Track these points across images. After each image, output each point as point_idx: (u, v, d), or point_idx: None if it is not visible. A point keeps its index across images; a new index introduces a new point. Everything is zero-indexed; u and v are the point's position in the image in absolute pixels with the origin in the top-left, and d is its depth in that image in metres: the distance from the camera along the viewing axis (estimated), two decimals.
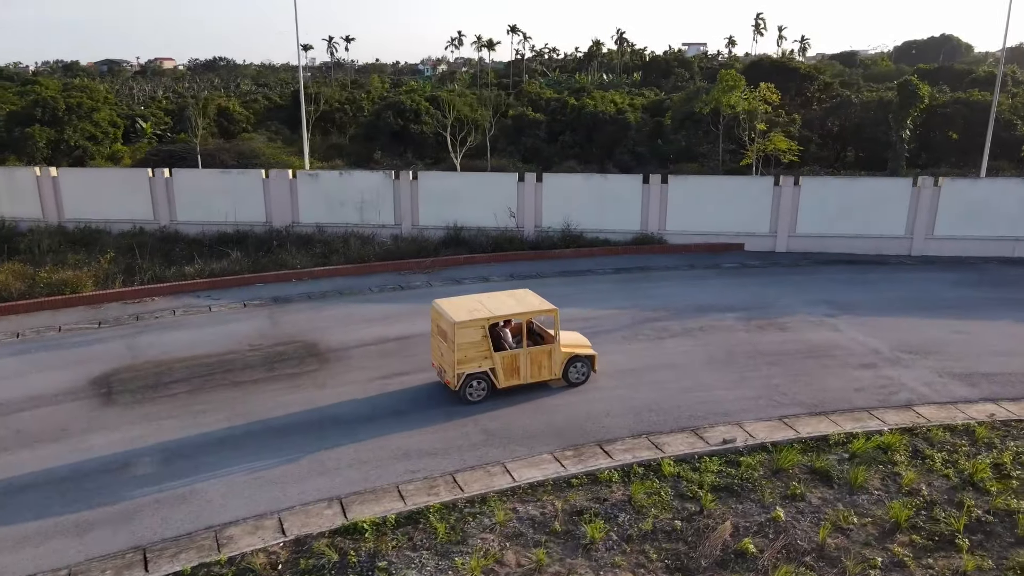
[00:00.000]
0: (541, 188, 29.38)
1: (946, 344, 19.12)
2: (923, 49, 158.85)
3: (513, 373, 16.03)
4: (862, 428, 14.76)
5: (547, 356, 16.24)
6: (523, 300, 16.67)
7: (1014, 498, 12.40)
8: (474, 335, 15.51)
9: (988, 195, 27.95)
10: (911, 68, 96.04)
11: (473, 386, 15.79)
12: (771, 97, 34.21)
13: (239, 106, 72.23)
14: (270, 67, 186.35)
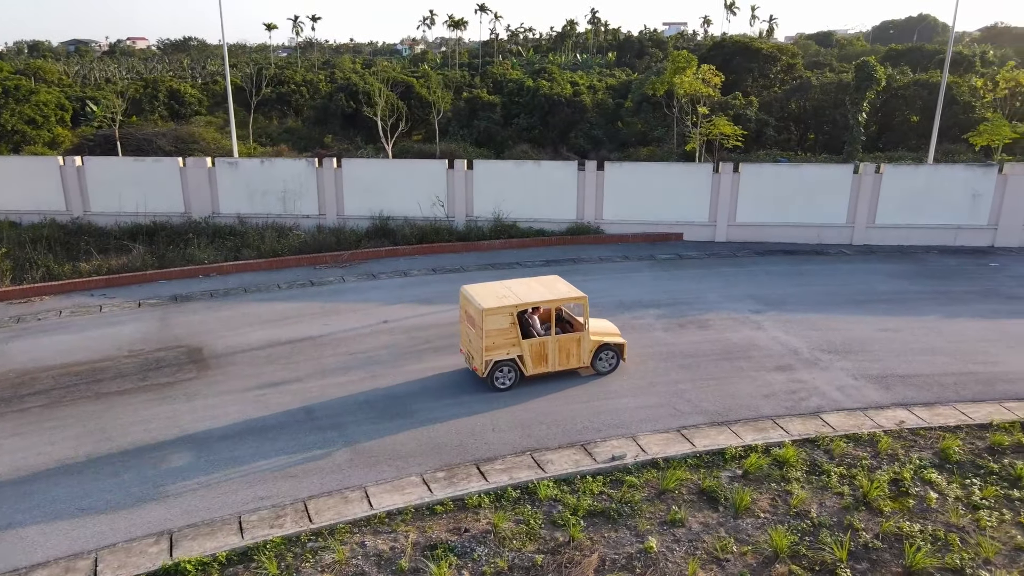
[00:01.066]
0: (472, 176, 28.07)
1: (869, 343, 18.18)
2: (900, 29, 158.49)
3: (541, 361, 15.79)
4: (763, 440, 13.77)
5: (576, 344, 15.93)
6: (552, 287, 16.27)
7: (907, 520, 11.46)
8: (502, 322, 15.25)
9: (930, 182, 27.03)
10: (885, 48, 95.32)
11: (502, 372, 15.54)
12: (713, 80, 32.91)
13: (191, 88, 69.86)
14: (242, 47, 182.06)
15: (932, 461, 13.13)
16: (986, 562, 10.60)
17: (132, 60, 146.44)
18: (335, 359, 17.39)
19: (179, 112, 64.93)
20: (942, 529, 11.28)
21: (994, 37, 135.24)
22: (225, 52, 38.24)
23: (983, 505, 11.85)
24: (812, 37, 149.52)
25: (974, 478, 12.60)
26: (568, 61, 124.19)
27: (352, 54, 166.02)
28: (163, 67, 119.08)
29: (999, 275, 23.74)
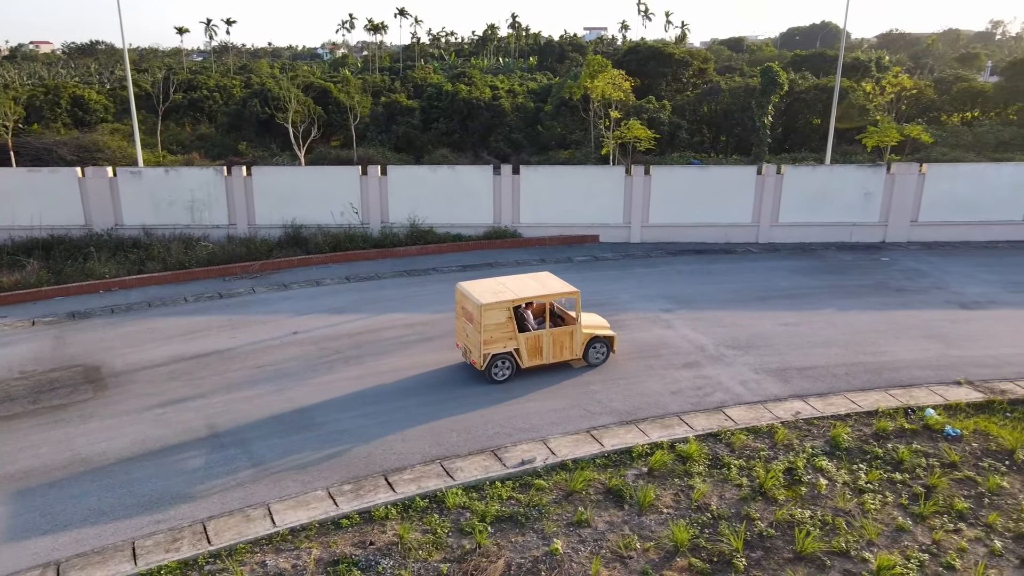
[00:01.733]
0: (386, 182, 27.82)
1: (770, 338, 18.94)
2: (805, 35, 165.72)
3: (536, 353, 16.46)
4: (669, 436, 14.15)
5: (569, 337, 16.67)
6: (545, 283, 16.96)
7: (799, 507, 11.99)
8: (500, 316, 15.87)
9: (827, 182, 28.38)
10: (791, 53, 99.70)
11: (498, 366, 16.17)
12: (623, 84, 33.70)
13: (96, 94, 66.70)
14: (154, 51, 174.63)
15: (824, 449, 13.78)
16: (869, 543, 11.20)
17: (35, 65, 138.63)
18: (242, 373, 16.91)
19: (84, 120, 61.92)
20: (830, 514, 11.86)
21: (889, 43, 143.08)
22: (126, 56, 36.70)
23: (868, 489, 12.52)
24: (725, 42, 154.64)
25: (861, 463, 13.29)
26: (490, 65, 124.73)
27: (271, 58, 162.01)
28: (68, 72, 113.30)
29: (889, 269, 25.13)
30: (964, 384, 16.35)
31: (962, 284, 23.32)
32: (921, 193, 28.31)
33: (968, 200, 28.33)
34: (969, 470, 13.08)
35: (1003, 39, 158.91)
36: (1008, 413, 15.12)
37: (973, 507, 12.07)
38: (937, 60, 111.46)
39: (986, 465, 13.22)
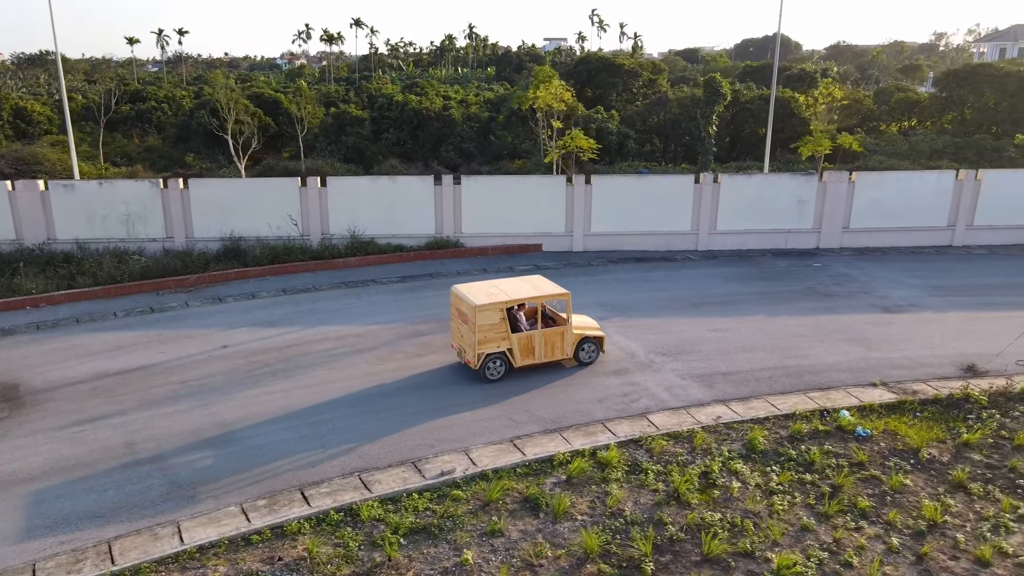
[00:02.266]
0: (326, 193, 27.68)
1: (700, 343, 19.30)
2: (759, 46, 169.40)
3: (528, 353, 17.07)
4: (591, 444, 14.32)
5: (560, 337, 17.29)
6: (537, 285, 17.67)
7: (710, 511, 12.24)
8: (493, 317, 16.49)
9: (762, 190, 29.06)
10: (743, 64, 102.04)
11: (492, 365, 16.76)
12: (565, 95, 34.13)
13: (40, 106, 65.15)
14: (106, 62, 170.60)
15: (740, 452, 14.08)
16: (774, 544, 11.48)
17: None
18: (165, 389, 16.65)
19: (26, 132, 60.40)
20: (739, 516, 12.12)
21: (838, 55, 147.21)
22: (59, 65, 35.92)
23: (778, 490, 12.83)
24: (680, 53, 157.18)
25: (774, 465, 13.62)
26: (448, 75, 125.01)
27: (228, 68, 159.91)
28: (15, 83, 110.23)
29: (820, 274, 25.80)
30: (879, 386, 16.86)
31: (887, 288, 24.05)
32: (851, 200, 29.14)
33: (895, 207, 29.23)
34: (876, 469, 13.49)
35: (946, 50, 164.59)
36: (918, 413, 15.63)
37: (876, 505, 12.45)
38: (882, 71, 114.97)
39: (892, 464, 13.65)
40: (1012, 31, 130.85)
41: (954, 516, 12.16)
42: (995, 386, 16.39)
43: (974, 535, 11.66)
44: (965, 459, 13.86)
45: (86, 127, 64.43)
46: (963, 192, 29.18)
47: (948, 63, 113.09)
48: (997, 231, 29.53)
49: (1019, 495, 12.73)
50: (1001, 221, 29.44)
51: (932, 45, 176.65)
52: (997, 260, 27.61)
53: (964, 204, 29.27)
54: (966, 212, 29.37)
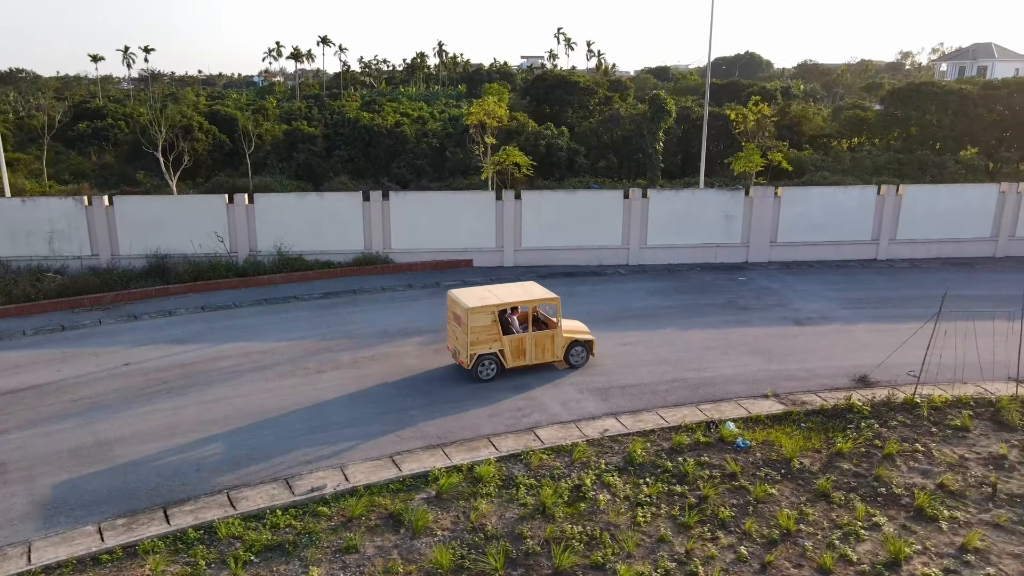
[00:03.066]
0: (253, 209, 27.64)
1: (606, 357, 19.42)
2: (731, 64, 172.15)
3: (519, 355, 17.87)
4: (471, 459, 14.34)
5: (550, 340, 18.09)
6: (529, 290, 18.50)
7: (571, 524, 12.30)
8: (485, 319, 17.30)
9: (690, 205, 29.45)
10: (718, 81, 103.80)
11: (484, 365, 17.57)
12: (498, 111, 34.46)
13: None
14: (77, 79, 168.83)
15: (618, 465, 14.18)
16: (628, 555, 11.55)
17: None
18: (55, 408, 16.46)
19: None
20: (600, 528, 12.19)
21: (805, 73, 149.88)
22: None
23: (645, 502, 12.93)
24: (652, 71, 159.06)
25: (648, 478, 13.72)
26: (419, 92, 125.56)
27: (204, 86, 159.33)
28: None
29: (743, 288, 26.13)
30: (771, 397, 17.09)
31: (804, 301, 24.42)
32: (778, 215, 29.61)
33: (821, 222, 29.75)
34: (747, 480, 13.64)
35: (911, 69, 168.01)
36: (802, 423, 15.86)
37: (737, 515, 12.59)
38: (847, 89, 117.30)
39: (762, 474, 13.82)
40: (971, 50, 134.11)
41: (809, 525, 12.33)
42: (878, 396, 16.68)
43: (823, 543, 11.82)
44: (835, 468, 14.07)
45: (42, 144, 63.93)
46: (885, 207, 29.78)
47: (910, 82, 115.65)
48: (919, 245, 30.14)
49: (878, 503, 12.95)
50: (922, 235, 30.07)
51: (898, 64, 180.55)
52: (916, 273, 28.16)
53: (886, 219, 29.86)
54: (888, 226, 29.96)
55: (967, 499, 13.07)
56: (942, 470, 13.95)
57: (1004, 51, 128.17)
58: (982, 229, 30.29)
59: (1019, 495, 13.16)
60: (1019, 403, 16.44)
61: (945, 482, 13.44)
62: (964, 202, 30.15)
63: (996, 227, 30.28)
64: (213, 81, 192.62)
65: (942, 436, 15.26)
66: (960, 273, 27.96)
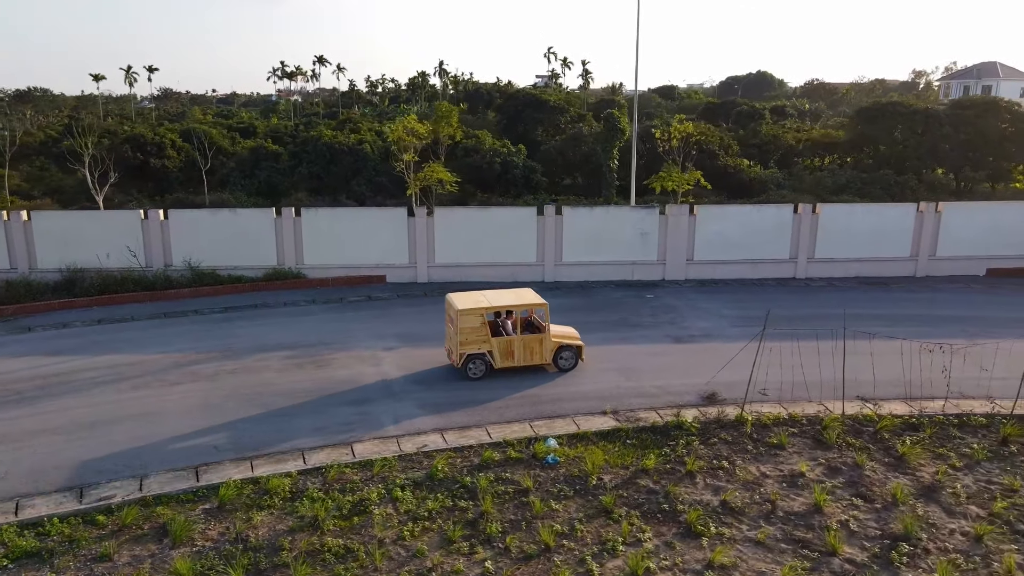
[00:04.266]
0: (168, 225, 28.18)
1: (452, 373, 19.45)
2: (743, 84, 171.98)
3: (508, 356, 18.82)
4: (272, 471, 14.49)
5: (538, 343, 18.95)
6: (521, 295, 19.62)
7: (337, 537, 12.37)
8: (475, 321, 18.34)
9: (605, 222, 29.52)
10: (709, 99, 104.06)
11: (474, 364, 18.64)
12: (419, 129, 34.87)
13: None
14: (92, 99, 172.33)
15: (417, 480, 14.24)
16: (374, 569, 11.60)
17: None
18: None
19: None
20: (362, 542, 12.25)
21: (811, 92, 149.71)
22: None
23: (422, 517, 12.96)
24: (657, 90, 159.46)
25: (441, 492, 13.75)
26: (420, 111, 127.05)
27: (221, 104, 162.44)
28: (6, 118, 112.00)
29: (645, 306, 26.07)
30: (609, 414, 17.05)
31: (697, 319, 24.33)
32: (693, 233, 29.57)
33: (739, 240, 29.63)
34: (538, 496, 13.62)
35: (925, 88, 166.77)
36: (628, 440, 15.81)
37: (508, 531, 12.58)
38: (852, 108, 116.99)
39: (555, 490, 13.80)
40: (975, 69, 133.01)
41: (574, 540, 12.29)
42: (708, 414, 16.60)
43: (576, 559, 11.79)
44: (633, 484, 14.01)
45: (36, 161, 65.74)
46: (802, 225, 29.64)
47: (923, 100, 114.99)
48: (838, 264, 29.91)
49: (656, 519, 12.88)
50: (841, 254, 29.85)
51: (912, 83, 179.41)
52: (827, 292, 27.94)
53: (804, 237, 29.70)
54: (806, 245, 29.79)
55: (745, 516, 12.97)
56: (736, 487, 13.85)
57: (1009, 70, 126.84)
58: (901, 249, 30.01)
59: (797, 512, 13.04)
60: (841, 422, 16.30)
61: (728, 499, 13.35)
62: (883, 221, 29.92)
63: (915, 247, 29.99)
64: (231, 100, 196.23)
65: (755, 453, 15.15)
66: (869, 293, 27.73)
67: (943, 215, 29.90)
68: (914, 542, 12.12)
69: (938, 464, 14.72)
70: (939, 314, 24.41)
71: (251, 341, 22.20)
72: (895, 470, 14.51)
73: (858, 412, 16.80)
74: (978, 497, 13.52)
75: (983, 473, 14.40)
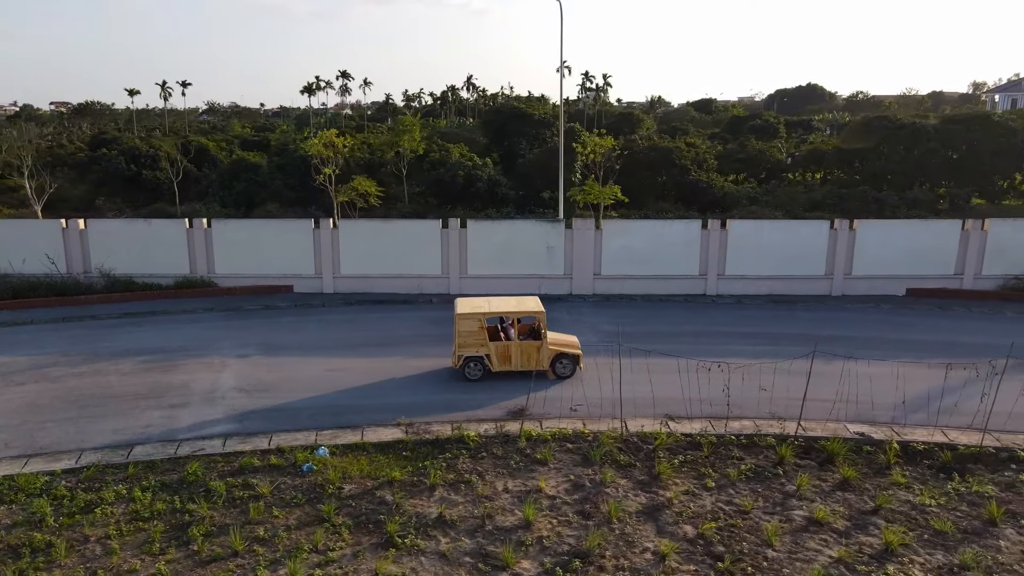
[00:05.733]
0: (87, 234, 29.51)
1: (299, 382, 19.74)
2: (792, 96, 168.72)
3: (505, 360, 19.41)
4: (38, 469, 15.13)
5: (535, 350, 19.40)
6: (522, 303, 20.16)
7: (56, 534, 12.88)
8: (472, 325, 19.16)
9: (511, 236, 29.58)
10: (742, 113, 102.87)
11: (471, 367, 19.39)
12: (339, 143, 35.58)
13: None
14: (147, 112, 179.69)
15: (167, 482, 14.65)
16: (59, 566, 12.05)
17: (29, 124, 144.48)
18: None
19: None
20: (66, 540, 12.72)
21: (854, 105, 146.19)
22: None
23: (142, 517, 13.37)
24: (694, 104, 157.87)
25: (178, 495, 14.11)
26: (449, 124, 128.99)
27: (272, 118, 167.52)
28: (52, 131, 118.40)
29: None
30: (401, 425, 17.15)
31: (568, 334, 24.13)
32: (599, 247, 29.37)
33: (647, 255, 29.27)
34: (271, 502, 13.87)
35: (986, 100, 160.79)
36: (404, 452, 15.91)
37: (215, 534, 12.86)
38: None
39: (288, 497, 14.05)
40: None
41: (267, 546, 12.48)
42: (503, 427, 16.63)
43: (253, 564, 11.99)
44: (371, 496, 14.12)
45: (60, 172, 69.18)
46: (710, 242, 29.13)
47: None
48: (750, 281, 29.26)
49: (367, 530, 12.99)
50: (752, 271, 29.19)
51: (973, 95, 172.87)
52: (728, 309, 27.43)
53: (713, 253, 29.18)
54: (715, 262, 29.24)
55: (453, 529, 12.96)
56: (466, 501, 13.82)
57: None
58: (815, 267, 29.17)
59: (505, 527, 12.95)
60: (623, 440, 16.05)
61: (444, 512, 13.34)
62: (795, 238, 29.18)
63: (830, 265, 29.11)
64: (284, 112, 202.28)
65: (513, 469, 15.07)
66: (770, 311, 27.13)
67: (858, 233, 28.98)
68: (594, 559, 11.91)
69: (690, 483, 14.39)
70: (802, 333, 23.34)
71: (121, 346, 23.06)
72: (643, 488, 14.26)
73: (641, 429, 16.52)
74: (702, 518, 13.17)
75: (729, 494, 14.02)
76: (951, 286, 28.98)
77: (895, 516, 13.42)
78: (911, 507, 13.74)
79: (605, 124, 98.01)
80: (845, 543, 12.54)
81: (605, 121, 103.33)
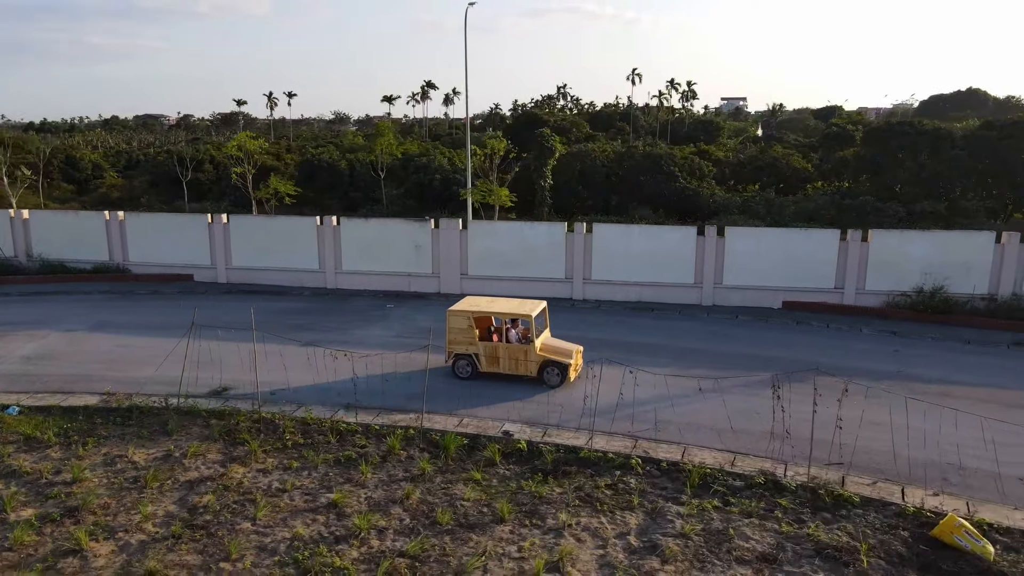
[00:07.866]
0: (30, 223, 33.47)
1: (99, 355, 21.75)
2: (950, 102, 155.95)
3: (494, 362, 18.94)
4: None
5: (523, 354, 18.70)
6: (521, 305, 19.40)
7: None
8: (462, 323, 18.86)
9: (380, 234, 30.29)
10: (876, 121, 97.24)
11: (460, 365, 19.15)
12: (251, 146, 37.54)
13: (93, 155, 79.83)
14: (281, 121, 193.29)
15: None
16: None
17: (180, 132, 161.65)
18: None
19: (74, 176, 73.63)
20: None
21: (1007, 109, 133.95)
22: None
23: None
24: (816, 111, 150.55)
25: None
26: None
27: (361, 127, 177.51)
28: (187, 137, 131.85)
29: (367, 314, 26.67)
30: (108, 394, 18.55)
31: (378, 329, 24.62)
32: (466, 248, 29.43)
33: (515, 257, 29.00)
34: None
35: None
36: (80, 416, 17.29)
37: None
38: None
39: None
40: None
41: None
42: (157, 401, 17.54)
43: None
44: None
45: (148, 176, 77.36)
46: (575, 245, 28.36)
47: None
48: (616, 287, 28.28)
49: None
50: (619, 277, 28.13)
51: None
52: (581, 314, 26.66)
53: (577, 257, 28.41)
54: (580, 266, 28.44)
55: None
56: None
57: None
58: (683, 275, 27.60)
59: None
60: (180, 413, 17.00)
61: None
62: (662, 245, 27.79)
63: (699, 274, 27.41)
64: (415, 124, 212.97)
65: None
66: (617, 316, 26.16)
67: (727, 240, 27.13)
68: None
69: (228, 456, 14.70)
70: (606, 338, 22.38)
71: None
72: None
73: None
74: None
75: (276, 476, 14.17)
76: (831, 300, 26.41)
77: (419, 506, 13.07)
78: (453, 499, 13.32)
79: (684, 133, 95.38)
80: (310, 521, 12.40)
81: (685, 130, 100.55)
